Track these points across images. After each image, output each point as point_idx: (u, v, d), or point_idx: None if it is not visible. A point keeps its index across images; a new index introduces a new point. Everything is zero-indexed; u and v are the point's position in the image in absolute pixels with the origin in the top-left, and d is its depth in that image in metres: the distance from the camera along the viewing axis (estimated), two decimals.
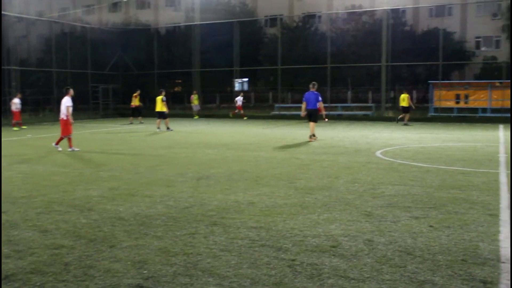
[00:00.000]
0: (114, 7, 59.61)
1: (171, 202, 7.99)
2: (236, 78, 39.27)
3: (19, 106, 26.21)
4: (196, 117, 34.93)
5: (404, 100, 27.20)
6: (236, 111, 34.39)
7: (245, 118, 33.63)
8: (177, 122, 30.43)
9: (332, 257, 5.32)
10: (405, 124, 26.69)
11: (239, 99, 34.06)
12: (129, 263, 5.19)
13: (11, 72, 32.73)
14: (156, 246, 5.73)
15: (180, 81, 48.13)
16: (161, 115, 24.43)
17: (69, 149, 15.42)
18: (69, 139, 15.58)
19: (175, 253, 5.48)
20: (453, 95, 33.66)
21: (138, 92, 30.01)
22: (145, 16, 54.12)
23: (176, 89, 51.10)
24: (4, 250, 5.66)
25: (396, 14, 42.81)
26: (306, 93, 18.94)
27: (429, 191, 8.76)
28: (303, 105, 18.93)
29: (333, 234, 6.16)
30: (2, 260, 5.32)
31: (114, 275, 4.85)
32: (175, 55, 41.85)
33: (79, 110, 37.52)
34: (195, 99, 35.64)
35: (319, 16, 48.65)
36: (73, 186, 9.56)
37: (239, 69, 38.39)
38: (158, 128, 24.22)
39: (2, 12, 33.76)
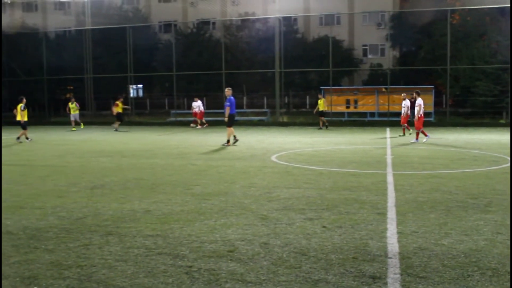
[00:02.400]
0: None
1: (64, 213, 7.70)
2: (131, 84, 38.57)
3: None
4: (79, 127, 30.36)
5: (321, 104, 27.98)
6: (198, 121, 30.98)
7: (205, 125, 31.06)
8: (68, 130, 29.34)
9: (229, 261, 5.37)
10: (323, 127, 27.64)
11: (197, 105, 30.79)
12: (18, 279, 4.95)
13: None
14: (48, 260, 5.50)
15: (72, 87, 46.43)
16: (21, 124, 21.97)
17: None
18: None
19: (68, 266, 5.29)
20: (344, 100, 35.13)
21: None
22: (33, 19, 51.73)
23: (68, 95, 49.23)
24: None
25: (288, 22, 44.08)
26: (231, 97, 18.75)
27: (322, 193, 9.08)
28: (228, 110, 18.59)
29: (230, 239, 6.22)
30: None
31: None
32: (66, 60, 40.32)
33: None
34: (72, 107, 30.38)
35: (213, 23, 48.96)
36: None
37: (133, 75, 37.71)
38: (27, 138, 21.83)
39: None
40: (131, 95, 41.13)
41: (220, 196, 8.90)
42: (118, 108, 29.15)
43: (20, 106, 22.15)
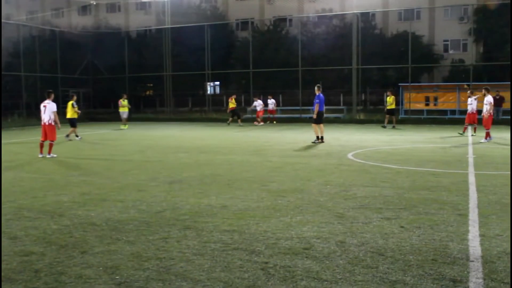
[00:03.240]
0: (84, 10, 58.97)
1: (144, 207, 7.94)
2: (208, 81, 39.23)
3: None
4: (125, 126, 29.18)
5: (389, 102, 27.02)
6: (259, 118, 31.29)
7: (274, 122, 32.29)
8: (149, 126, 30.26)
9: (305, 259, 5.35)
10: (388, 126, 26.75)
11: (258, 104, 31.50)
12: (101, 268, 5.14)
13: None
14: (129, 251, 5.69)
15: (151, 84, 47.84)
16: (71, 122, 21.51)
17: (48, 155, 14.99)
18: (50, 145, 15.15)
19: (147, 258, 5.45)
20: (423, 97, 34.18)
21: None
22: (116, 20, 53.66)
23: (147, 93, 50.78)
24: None
25: (366, 17, 43.32)
26: (320, 94, 18.69)
27: (400, 192, 8.87)
28: (317, 107, 18.56)
29: (305, 236, 6.19)
30: None
31: (86, 281, 4.80)
32: (147, 58, 41.58)
33: None
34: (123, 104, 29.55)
35: (290, 20, 48.91)
36: (43, 191, 9.43)
37: (210, 72, 38.34)
38: (77, 136, 21.54)
39: None
40: (208, 92, 41.85)
41: (296, 193, 8.89)
42: (232, 104, 29.58)
43: (72, 103, 21.44)
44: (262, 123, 30.68)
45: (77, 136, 21.50)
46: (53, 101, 15.25)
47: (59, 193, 9.25)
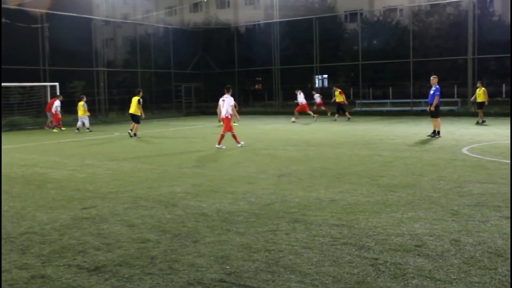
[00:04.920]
0: (195, 7, 60.84)
1: (253, 199, 8.06)
2: (316, 74, 39.06)
3: (59, 108, 26.57)
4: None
5: (480, 95, 24.44)
6: (315, 108, 31.69)
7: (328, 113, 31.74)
8: (257, 120, 30.69)
9: (417, 257, 5.17)
10: (483, 122, 24.07)
11: (318, 96, 31.82)
12: (212, 258, 5.29)
13: (99, 73, 34.17)
14: (238, 242, 5.80)
15: (260, 78, 48.45)
16: (135, 119, 20.82)
17: (238, 145, 15.90)
18: (234, 135, 16.02)
19: (257, 249, 5.53)
20: None
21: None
22: (225, 15, 54.86)
23: (256, 86, 51.49)
24: (94, 242, 5.93)
25: (483, 4, 41.04)
26: (438, 86, 18.09)
27: None
28: (437, 99, 17.97)
29: (417, 233, 5.99)
30: (93, 252, 5.57)
31: (198, 270, 4.96)
32: (255, 53, 42.16)
33: (162, 109, 38.75)
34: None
35: (401, 10, 47.44)
36: (158, 182, 9.86)
37: (319, 65, 38.15)
38: (135, 134, 20.68)
39: (91, 17, 35.34)
40: (316, 85, 41.68)
41: (407, 189, 8.62)
42: (339, 98, 29.08)
43: (138, 99, 20.72)
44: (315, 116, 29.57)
45: (135, 134, 20.65)
46: (231, 96, 16.15)
47: (173, 183, 9.63)
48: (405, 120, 27.25)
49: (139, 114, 20.59)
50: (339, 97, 29.02)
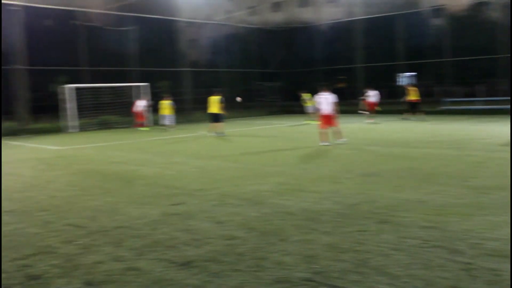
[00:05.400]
0: (276, 7, 61.07)
1: (339, 199, 7.99)
2: (401, 72, 38.17)
3: (144, 108, 27.28)
4: (310, 122, 27.52)
5: None
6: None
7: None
8: (340, 119, 30.29)
9: None
10: None
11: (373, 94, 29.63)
12: (299, 257, 5.28)
13: (184, 73, 35.05)
14: (325, 242, 5.77)
15: (343, 77, 47.96)
16: (217, 118, 21.25)
17: (339, 141, 16.39)
18: (331, 133, 16.51)
19: (344, 250, 5.47)
20: None
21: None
22: (306, 14, 54.70)
23: (339, 85, 51.01)
24: (183, 238, 6.09)
25: None
26: None
27: None
28: None
29: None
30: (183, 247, 5.72)
31: (285, 268, 4.97)
32: (337, 51, 41.75)
33: (245, 108, 39.19)
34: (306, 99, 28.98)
35: (490, 3, 45.35)
36: (244, 180, 9.98)
37: (403, 63, 37.25)
38: (216, 133, 21.09)
39: (175, 18, 36.29)
40: (400, 83, 40.70)
41: (501, 191, 8.22)
42: (412, 96, 28.29)
43: (220, 98, 21.17)
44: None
45: (215, 132, 21.00)
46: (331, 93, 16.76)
47: (258, 182, 9.71)
48: (496, 119, 26.05)
49: (222, 113, 21.12)
50: (412, 96, 28.05)
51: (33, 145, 19.29)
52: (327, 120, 16.49)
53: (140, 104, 26.98)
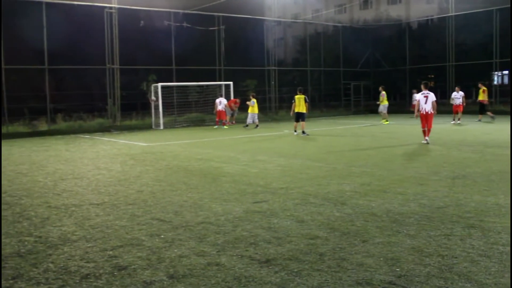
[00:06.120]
0: (365, 4, 60.14)
1: (425, 201, 7.76)
2: (496, 71, 36.50)
3: (226, 106, 27.48)
4: (385, 122, 27.73)
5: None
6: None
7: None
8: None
9: None
10: None
11: (458, 96, 27.66)
12: (381, 259, 5.19)
13: (270, 72, 35.27)
14: (409, 245, 5.62)
15: (433, 76, 46.50)
16: (302, 117, 20.99)
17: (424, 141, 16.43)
18: (426, 131, 16.49)
19: (428, 254, 5.31)
20: None
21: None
22: (396, 11, 53.48)
23: (430, 84, 49.53)
24: (265, 235, 6.13)
25: None
26: None
27: None
28: None
29: None
30: (264, 245, 5.76)
31: (367, 270, 4.90)
32: (428, 49, 40.49)
33: (330, 107, 38.93)
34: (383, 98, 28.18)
35: None
36: (327, 180, 9.91)
37: (499, 61, 35.58)
38: (303, 132, 20.87)
39: (263, 18, 36.60)
40: (495, 82, 38.91)
41: None
42: (481, 96, 27.16)
43: (305, 97, 21.04)
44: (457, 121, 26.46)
45: (303, 132, 20.83)
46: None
47: (341, 182, 9.62)
48: None
49: (306, 112, 21.15)
50: (481, 96, 26.61)
51: (123, 141, 20.10)
52: (426, 118, 16.42)
53: (221, 102, 27.40)
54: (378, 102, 28.28)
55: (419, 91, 18.27)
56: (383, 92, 27.69)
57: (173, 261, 5.28)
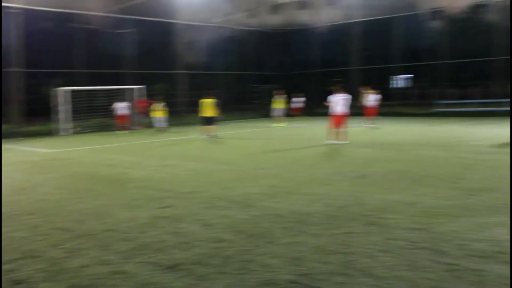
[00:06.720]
0: (275, 9, 61.14)
1: (329, 201, 8.00)
2: (396, 75, 38.27)
3: (126, 111, 27.02)
4: (281, 124, 28.31)
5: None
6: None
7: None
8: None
9: (498, 264, 4.96)
10: None
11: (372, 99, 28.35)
12: (286, 259, 5.29)
13: (180, 75, 35.10)
14: (313, 244, 5.78)
15: (339, 79, 48.07)
16: (211, 121, 21.06)
17: (337, 142, 16.81)
18: (338, 133, 16.94)
19: (331, 252, 5.48)
20: None
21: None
22: (305, 17, 54.79)
23: (333, 88, 51.05)
24: (171, 241, 6.09)
25: None
26: None
27: None
28: None
29: (499, 239, 5.74)
30: (170, 250, 5.72)
31: (271, 270, 4.98)
32: (334, 53, 41.83)
33: (240, 111, 39.22)
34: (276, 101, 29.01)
35: (488, 6, 45.46)
36: (235, 183, 9.99)
37: (399, 65, 37.37)
38: (214, 136, 20.95)
39: (172, 21, 36.31)
40: (395, 85, 40.79)
41: (489, 192, 8.28)
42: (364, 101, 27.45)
43: (214, 101, 20.99)
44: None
45: (209, 136, 20.92)
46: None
47: (249, 184, 9.72)
48: (490, 121, 26.14)
49: (216, 116, 21.15)
50: (364, 100, 27.45)
51: (25, 148, 19.26)
52: (339, 120, 16.88)
53: (121, 107, 26.74)
54: (273, 106, 28.99)
55: (332, 93, 18.13)
56: (280, 95, 28.53)
57: (76, 272, 5.12)
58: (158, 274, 4.99)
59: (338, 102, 17.01)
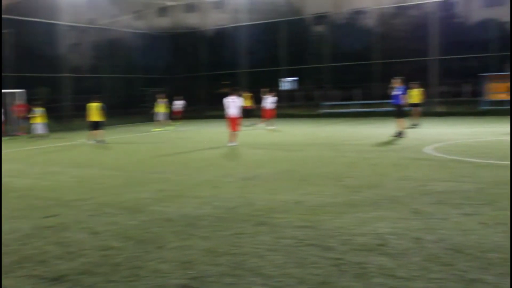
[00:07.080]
0: (163, 12, 60.50)
1: (218, 203, 8.05)
2: (284, 77, 39.28)
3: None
4: (159, 129, 28.52)
5: (415, 96, 23.90)
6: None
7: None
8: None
9: (379, 255, 5.24)
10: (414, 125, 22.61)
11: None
12: (176, 263, 5.26)
13: (64, 78, 33.75)
14: (203, 247, 5.78)
15: (227, 82, 48.46)
16: (98, 125, 20.72)
17: (231, 144, 16.97)
18: (233, 135, 17.14)
19: (221, 253, 5.52)
20: (506, 87, 32.54)
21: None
22: (193, 20, 54.72)
23: (223, 90, 51.42)
24: (56, 251, 5.83)
25: (447, 6, 41.79)
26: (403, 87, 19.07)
27: (481, 187, 8.51)
28: (403, 98, 19.10)
29: (380, 232, 6.06)
30: (55, 261, 5.48)
31: (162, 275, 4.93)
32: (223, 56, 42.19)
33: (129, 114, 38.40)
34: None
35: (366, 12, 47.92)
36: (124, 188, 9.77)
37: (286, 68, 38.40)
38: (101, 140, 20.47)
39: (56, 22, 34.83)
40: (282, 88, 41.87)
41: (371, 189, 8.73)
42: (248, 102, 27.68)
43: (101, 105, 20.77)
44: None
45: (96, 141, 20.46)
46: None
47: (138, 190, 9.54)
48: (370, 121, 27.56)
49: (102, 120, 20.72)
50: (248, 102, 28.05)
51: None
52: (234, 122, 17.14)
53: None
54: (156, 110, 28.91)
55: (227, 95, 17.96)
56: (162, 99, 28.55)
57: None
58: (41, 287, 4.76)
59: (230, 104, 17.23)
